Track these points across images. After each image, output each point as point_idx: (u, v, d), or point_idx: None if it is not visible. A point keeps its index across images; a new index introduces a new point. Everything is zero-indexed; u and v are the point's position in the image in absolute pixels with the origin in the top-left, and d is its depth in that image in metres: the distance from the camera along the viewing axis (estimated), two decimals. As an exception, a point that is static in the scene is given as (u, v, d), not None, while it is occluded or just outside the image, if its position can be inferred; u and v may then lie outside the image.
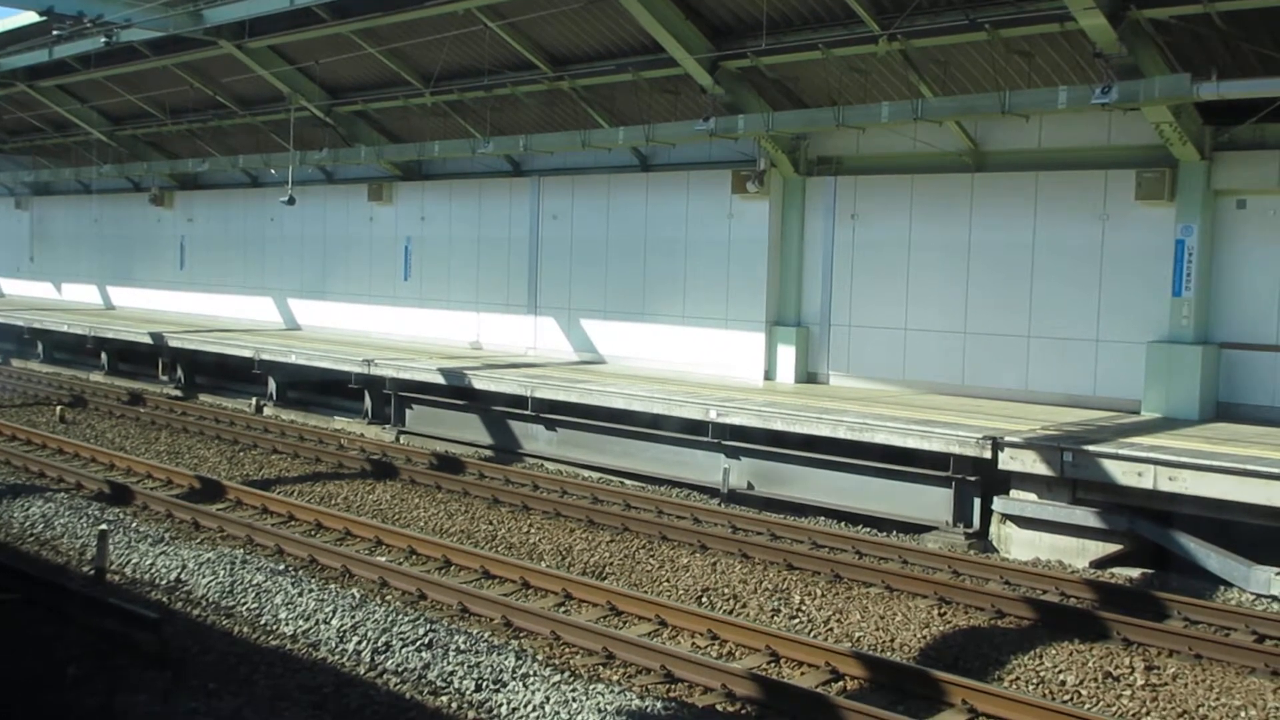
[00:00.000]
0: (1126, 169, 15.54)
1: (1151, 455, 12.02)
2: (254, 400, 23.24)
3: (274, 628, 9.83)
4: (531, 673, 8.56)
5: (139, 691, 7.94)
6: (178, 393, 25.12)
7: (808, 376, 18.91)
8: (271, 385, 23.11)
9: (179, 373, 25.66)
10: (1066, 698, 8.91)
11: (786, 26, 16.95)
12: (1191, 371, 14.93)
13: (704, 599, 11.33)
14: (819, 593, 11.37)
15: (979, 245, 17.08)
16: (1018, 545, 13.05)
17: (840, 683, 9.02)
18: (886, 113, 15.85)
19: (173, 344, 25.36)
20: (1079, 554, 12.59)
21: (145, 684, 8.11)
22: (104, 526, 11.86)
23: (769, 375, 19.11)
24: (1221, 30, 13.79)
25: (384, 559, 12.14)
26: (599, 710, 7.90)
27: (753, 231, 19.25)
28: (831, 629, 10.47)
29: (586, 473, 17.05)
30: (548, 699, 8.11)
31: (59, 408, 22.01)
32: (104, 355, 28.03)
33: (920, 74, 16.31)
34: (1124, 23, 13.49)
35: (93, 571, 11.10)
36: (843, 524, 14.25)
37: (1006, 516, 13.21)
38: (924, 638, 10.13)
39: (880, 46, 15.93)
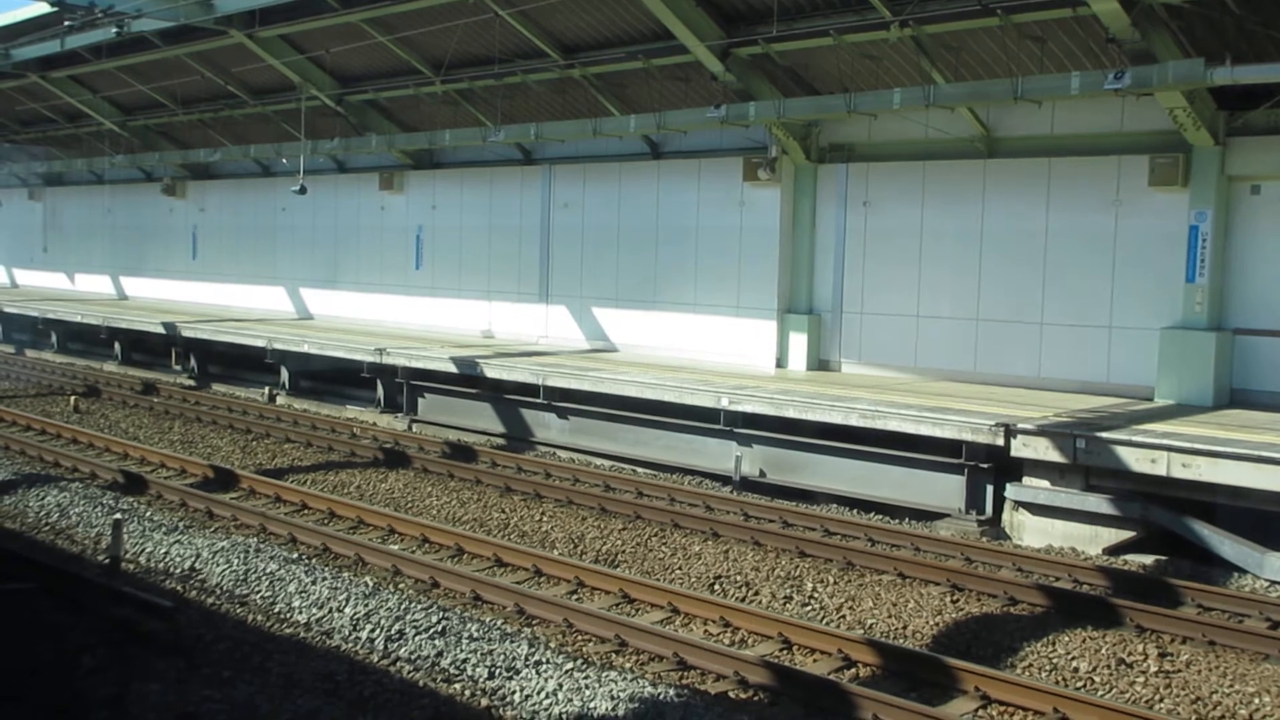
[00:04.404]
0: (1140, 155, 15.47)
1: (1165, 442, 11.98)
2: (267, 390, 23.29)
3: (287, 616, 9.87)
4: (544, 660, 8.57)
5: (153, 680, 7.98)
6: (191, 382, 25.20)
7: (820, 364, 18.89)
8: (284, 374, 23.16)
9: (192, 362, 25.75)
10: (1079, 684, 8.90)
11: (798, 13, 16.89)
12: (1205, 358, 14.88)
13: (716, 586, 11.34)
14: (831, 580, 11.37)
15: (991, 232, 17.03)
16: (1030, 532, 13.03)
17: (853, 670, 9.02)
18: (898, 99, 15.79)
19: (186, 334, 25.44)
20: (1092, 541, 12.57)
21: (159, 672, 8.15)
22: (118, 516, 11.90)
23: (781, 363, 19.10)
24: (1235, 14, 13.70)
25: (397, 547, 12.17)
26: (612, 697, 7.91)
27: (764, 219, 19.22)
28: (844, 616, 10.47)
29: (599, 461, 17.07)
30: (560, 686, 8.12)
31: (73, 397, 22.10)
32: (117, 345, 28.12)
33: (932, 60, 16.24)
34: (1137, 7, 13.41)
35: (107, 560, 11.14)
36: (855, 511, 14.24)
37: (1019, 503, 13.19)
38: (936, 625, 10.12)
39: (892, 33, 15.87)
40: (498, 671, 8.46)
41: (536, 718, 7.87)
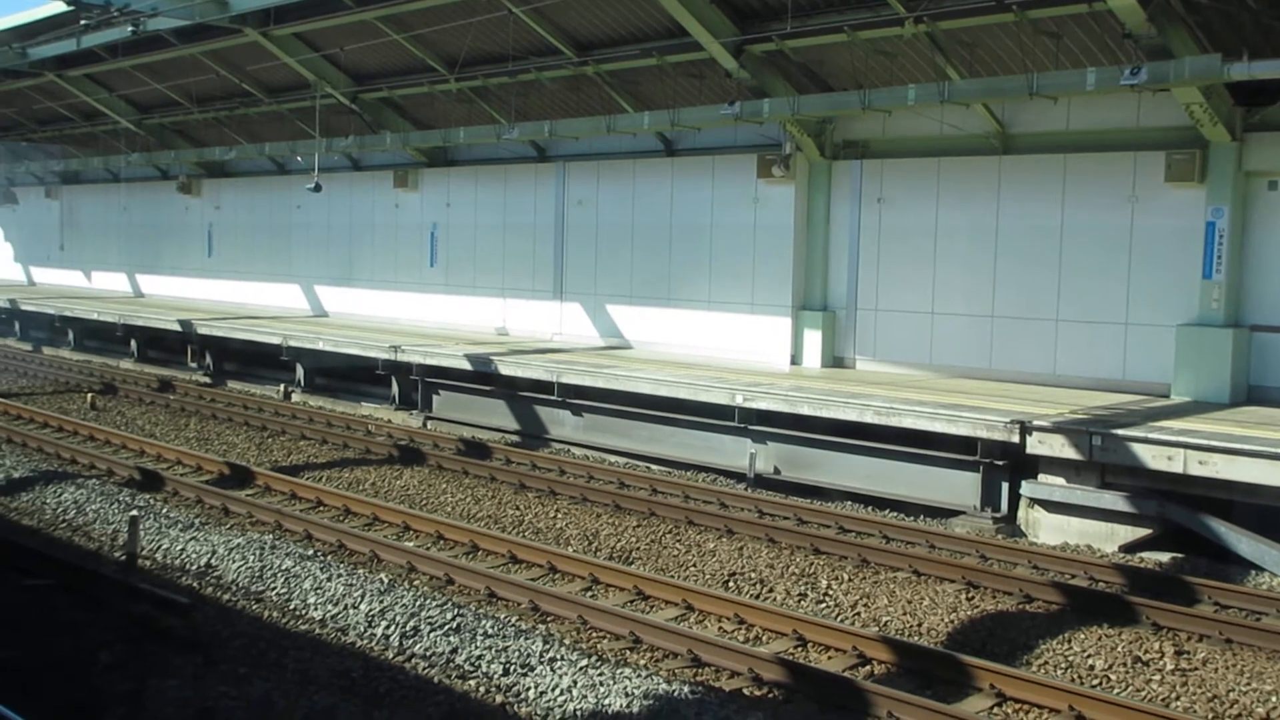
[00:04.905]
0: (1156, 151, 15.39)
1: (1181, 439, 11.93)
2: (282, 386, 23.36)
3: (303, 612, 9.90)
4: (559, 657, 8.59)
5: (170, 676, 8.02)
6: (206, 379, 25.29)
7: (834, 361, 18.86)
8: (299, 372, 23.23)
9: (208, 360, 25.83)
10: (1095, 682, 8.87)
11: (812, 9, 16.86)
12: (1222, 355, 14.80)
13: (731, 583, 11.33)
14: (846, 577, 11.35)
15: (1006, 228, 16.97)
16: (1046, 529, 12.99)
17: (867, 667, 9.01)
18: (913, 95, 15.75)
19: (201, 331, 25.53)
20: (1108, 538, 12.53)
21: (176, 668, 8.19)
22: (135, 512, 11.96)
23: (795, 360, 19.07)
24: (1252, 9, 13.63)
25: (412, 544, 12.20)
26: (626, 694, 7.92)
27: (778, 216, 19.19)
28: (858, 613, 10.46)
29: (613, 458, 17.07)
30: (575, 683, 8.14)
31: (90, 395, 22.20)
32: (133, 343, 28.24)
33: (947, 56, 16.19)
34: (1153, 2, 13.35)
35: (124, 557, 11.20)
36: (869, 508, 14.22)
37: (1034, 501, 13.15)
38: (951, 622, 10.11)
39: (906, 29, 15.82)
40: (512, 668, 8.48)
41: (551, 714, 7.89)
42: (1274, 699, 8.49)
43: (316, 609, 9.91)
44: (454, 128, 22.94)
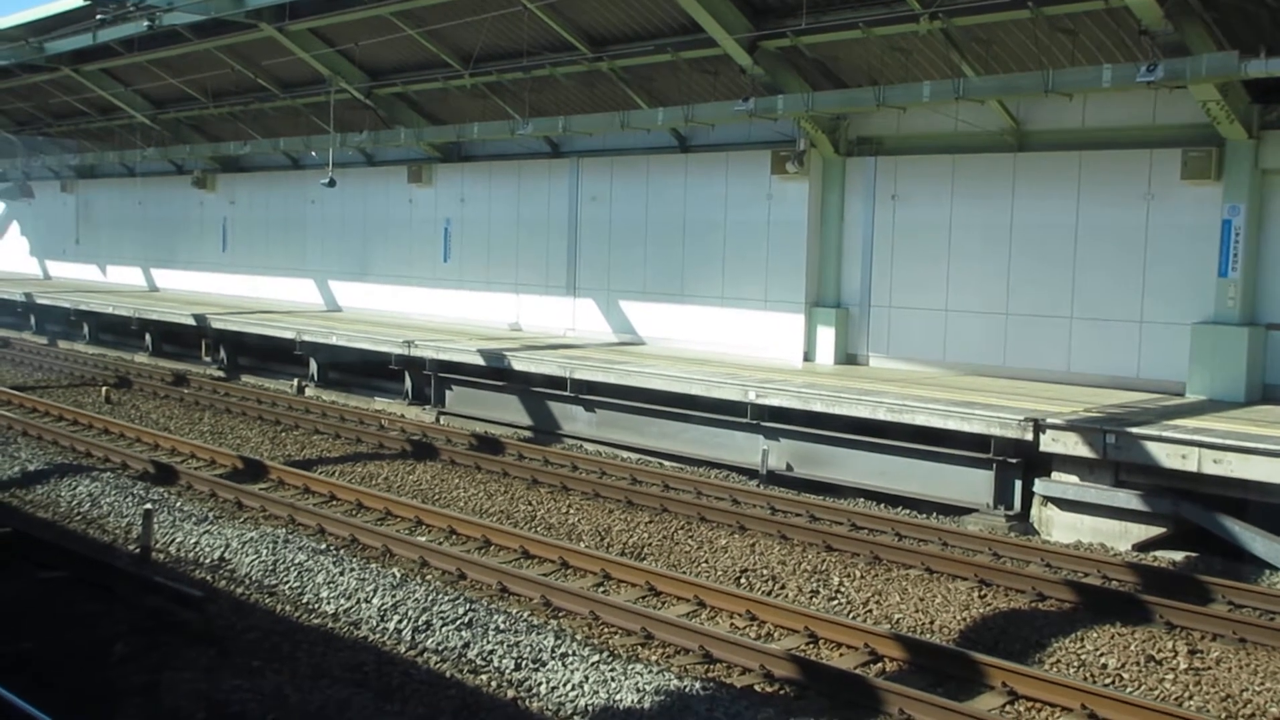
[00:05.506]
0: (1172, 148, 15.32)
1: (1196, 438, 11.89)
2: (296, 381, 23.42)
3: (316, 606, 9.93)
4: (570, 652, 8.60)
5: (184, 668, 8.05)
6: (221, 374, 25.38)
7: (847, 358, 18.83)
8: (313, 366, 23.29)
9: (222, 354, 25.92)
10: (1108, 681, 8.85)
11: (826, 5, 16.81)
12: (1237, 353, 14.73)
13: (743, 580, 11.33)
14: (858, 574, 11.35)
15: (1021, 225, 16.92)
16: (1059, 528, 12.96)
17: (879, 664, 9.01)
18: (928, 92, 15.69)
19: (215, 325, 25.61)
20: (1121, 537, 12.49)
21: (190, 661, 8.22)
22: (149, 506, 12.01)
23: (808, 357, 19.05)
24: (1270, 6, 13.55)
25: (424, 539, 12.23)
26: (637, 690, 7.92)
27: (792, 212, 19.16)
28: (870, 611, 10.45)
29: (625, 453, 17.08)
30: (586, 678, 8.15)
31: (104, 388, 22.29)
32: (148, 337, 28.35)
33: (962, 53, 16.14)
34: (1170, -1, 13.31)
35: (138, 550, 11.25)
36: (882, 505, 14.21)
37: (1048, 499, 13.12)
38: (964, 620, 10.09)
39: (921, 25, 15.77)
40: (524, 663, 8.50)
41: (562, 709, 7.90)
42: (1288, 699, 8.47)
43: (329, 603, 9.94)
44: (468, 123, 22.93)
